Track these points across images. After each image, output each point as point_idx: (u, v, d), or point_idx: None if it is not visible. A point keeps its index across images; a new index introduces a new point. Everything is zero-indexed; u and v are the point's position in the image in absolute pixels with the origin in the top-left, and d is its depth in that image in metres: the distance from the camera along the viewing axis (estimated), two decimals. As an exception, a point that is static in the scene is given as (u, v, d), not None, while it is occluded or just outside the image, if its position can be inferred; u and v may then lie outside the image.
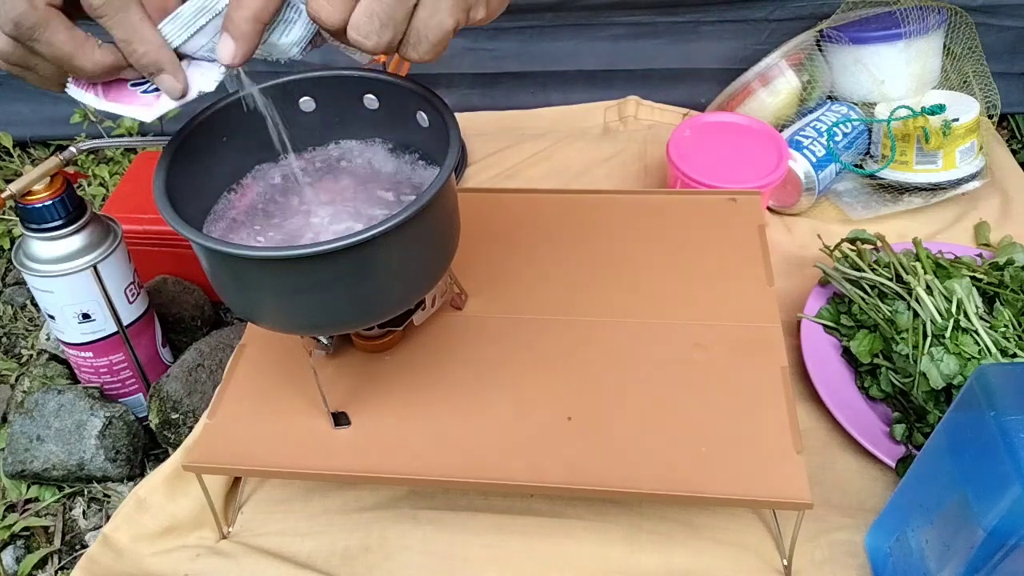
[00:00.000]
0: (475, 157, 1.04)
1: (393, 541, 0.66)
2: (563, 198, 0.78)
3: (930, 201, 0.91)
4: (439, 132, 0.53)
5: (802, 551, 0.63)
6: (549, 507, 0.67)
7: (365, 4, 0.41)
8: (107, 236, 0.71)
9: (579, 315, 0.67)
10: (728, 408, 0.60)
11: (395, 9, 0.41)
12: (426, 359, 0.65)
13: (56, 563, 0.71)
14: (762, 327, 0.65)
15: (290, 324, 0.54)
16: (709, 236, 0.73)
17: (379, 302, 0.53)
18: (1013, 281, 0.72)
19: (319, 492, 0.69)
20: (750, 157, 0.88)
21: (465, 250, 0.59)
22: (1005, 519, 0.46)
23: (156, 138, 0.55)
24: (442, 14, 0.42)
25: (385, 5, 0.41)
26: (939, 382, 0.66)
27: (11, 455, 0.73)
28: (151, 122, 0.48)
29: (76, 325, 0.72)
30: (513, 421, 0.60)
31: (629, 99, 1.09)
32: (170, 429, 0.75)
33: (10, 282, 0.97)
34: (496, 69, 1.10)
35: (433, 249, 0.54)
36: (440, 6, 0.42)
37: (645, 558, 0.63)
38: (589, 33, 1.07)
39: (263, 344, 0.67)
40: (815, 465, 0.69)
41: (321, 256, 0.46)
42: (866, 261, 0.77)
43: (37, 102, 1.12)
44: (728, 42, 1.06)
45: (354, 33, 0.42)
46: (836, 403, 0.71)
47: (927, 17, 0.92)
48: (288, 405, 0.63)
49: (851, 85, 0.97)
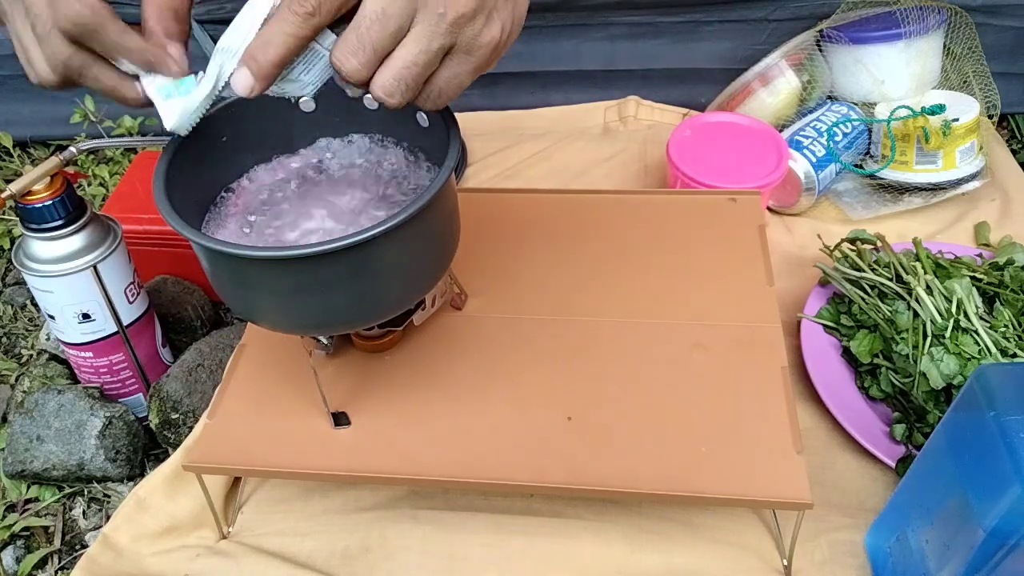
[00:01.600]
0: (475, 157, 1.04)
1: (393, 541, 0.66)
2: (563, 198, 0.78)
3: (930, 201, 0.91)
4: (439, 132, 0.53)
5: (802, 551, 0.63)
6: (549, 507, 0.67)
7: (395, 70, 0.42)
8: (107, 236, 0.71)
9: (579, 315, 0.67)
10: (728, 408, 0.60)
11: (421, 76, 0.43)
12: (426, 359, 0.65)
13: (56, 563, 0.71)
14: (762, 327, 0.65)
15: (290, 324, 0.54)
16: (709, 236, 0.73)
17: (379, 302, 0.53)
18: (1013, 281, 0.72)
19: (319, 492, 0.69)
20: (750, 157, 0.88)
21: (465, 250, 0.59)
22: (1005, 519, 0.46)
23: (156, 138, 0.55)
24: (462, 77, 0.44)
25: (415, 72, 0.42)
26: (939, 382, 0.66)
27: (11, 455, 0.73)
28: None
29: (76, 325, 0.72)
30: (513, 421, 0.60)
31: (629, 99, 1.09)
32: (170, 429, 0.75)
33: (10, 282, 0.97)
34: (496, 69, 1.08)
35: (433, 249, 0.54)
36: (461, 69, 0.44)
37: (645, 558, 0.63)
38: (589, 33, 1.07)
39: (263, 344, 0.67)
40: (815, 465, 0.69)
41: (321, 256, 0.46)
42: (866, 261, 0.77)
43: (37, 102, 1.12)
44: (728, 42, 1.06)
45: (379, 92, 0.43)
46: (836, 403, 0.71)
47: (927, 17, 0.92)
48: (288, 405, 0.63)
49: (851, 85, 0.97)
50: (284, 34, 0.42)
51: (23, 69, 0.49)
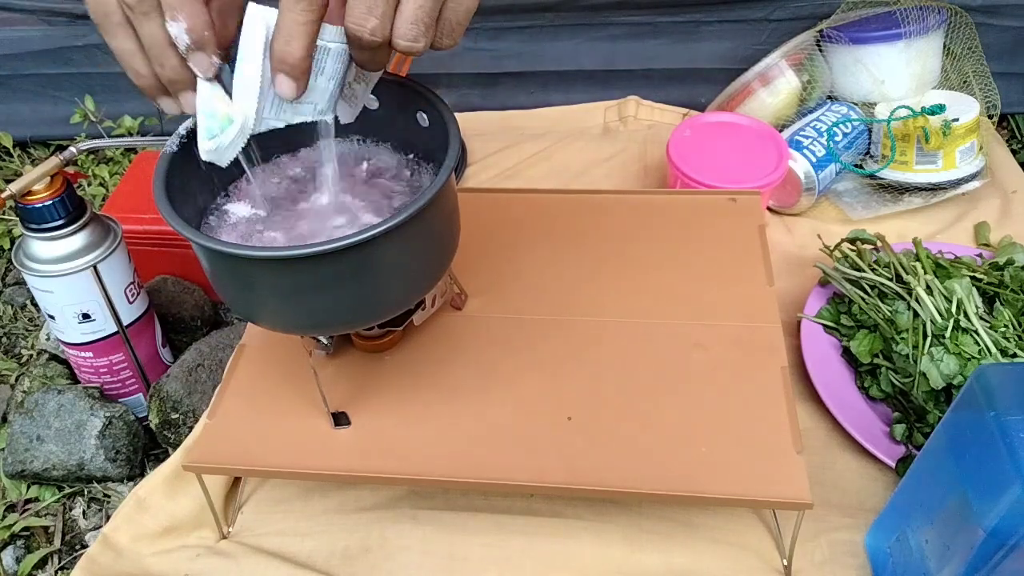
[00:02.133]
0: (475, 157, 1.04)
1: (393, 541, 0.66)
2: (563, 198, 0.78)
3: (930, 201, 0.91)
4: (439, 132, 0.53)
5: (802, 551, 0.63)
6: (549, 507, 0.67)
7: (408, 13, 0.42)
8: (107, 236, 0.71)
9: (579, 315, 0.67)
10: (728, 408, 0.60)
11: (433, 10, 0.43)
12: (426, 359, 0.65)
13: (56, 563, 0.71)
14: (762, 327, 0.65)
15: (290, 324, 0.54)
16: (709, 236, 0.73)
17: (379, 302, 0.53)
18: (1013, 281, 0.72)
19: (319, 492, 0.69)
20: (750, 157, 0.88)
21: (465, 250, 0.59)
22: (1005, 519, 0.46)
23: (156, 138, 0.55)
24: (467, 2, 0.44)
25: (425, 10, 0.42)
26: (939, 382, 0.66)
27: (11, 455, 0.73)
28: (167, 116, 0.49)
29: (76, 325, 0.72)
30: (513, 421, 0.60)
31: (629, 99, 1.09)
32: (170, 429, 0.75)
33: (10, 282, 0.97)
34: (496, 69, 1.10)
35: (433, 249, 0.54)
36: None
37: (645, 558, 0.63)
38: (589, 33, 1.07)
39: (263, 344, 0.67)
40: (815, 465, 0.69)
41: (321, 256, 0.46)
42: (866, 261, 0.77)
43: (37, 102, 1.12)
44: (728, 42, 1.06)
45: (401, 42, 0.43)
46: (836, 403, 0.71)
47: (927, 17, 0.92)
48: (288, 405, 0.63)
49: (851, 85, 0.97)
50: (299, 24, 0.42)
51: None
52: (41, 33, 1.07)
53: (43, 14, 1.05)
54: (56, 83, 1.10)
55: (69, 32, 1.06)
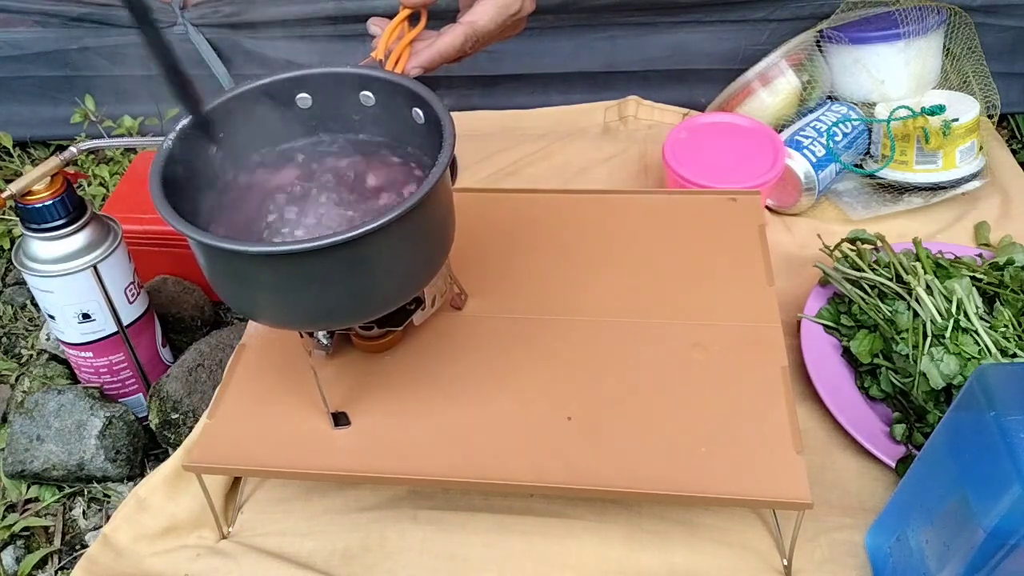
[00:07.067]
0: (475, 157, 1.03)
1: (393, 541, 0.66)
2: (563, 198, 0.78)
3: (930, 201, 0.91)
4: (434, 129, 0.53)
5: (802, 551, 0.63)
6: (549, 507, 0.67)
7: None
8: (107, 236, 0.71)
9: (579, 315, 0.67)
10: (728, 408, 0.60)
11: None
12: (426, 359, 0.65)
13: (56, 563, 0.71)
14: (762, 327, 0.65)
15: (286, 320, 0.54)
16: (709, 236, 0.73)
17: (374, 298, 0.53)
18: (1013, 281, 0.72)
19: (319, 492, 0.69)
20: (746, 156, 0.89)
21: (465, 250, 0.59)
22: (1005, 519, 0.46)
23: (156, 138, 0.55)
24: None
25: None
26: (939, 382, 0.66)
27: (11, 455, 0.73)
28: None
29: (76, 325, 0.72)
30: (513, 421, 0.60)
31: (629, 99, 1.09)
32: (170, 429, 0.75)
33: (10, 282, 0.97)
34: (496, 70, 1.10)
35: (428, 245, 0.54)
36: None
37: (645, 558, 0.63)
38: (589, 33, 1.07)
39: (263, 344, 0.67)
40: (815, 465, 0.69)
41: (316, 252, 0.46)
42: (866, 261, 0.77)
43: (37, 102, 1.12)
44: (728, 42, 1.06)
45: None
46: (836, 403, 0.71)
47: (927, 17, 0.92)
48: (288, 405, 0.63)
49: (851, 85, 0.97)
50: None
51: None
52: (38, 35, 1.07)
53: (39, 15, 1.05)
54: (56, 84, 1.10)
55: (66, 35, 1.06)
